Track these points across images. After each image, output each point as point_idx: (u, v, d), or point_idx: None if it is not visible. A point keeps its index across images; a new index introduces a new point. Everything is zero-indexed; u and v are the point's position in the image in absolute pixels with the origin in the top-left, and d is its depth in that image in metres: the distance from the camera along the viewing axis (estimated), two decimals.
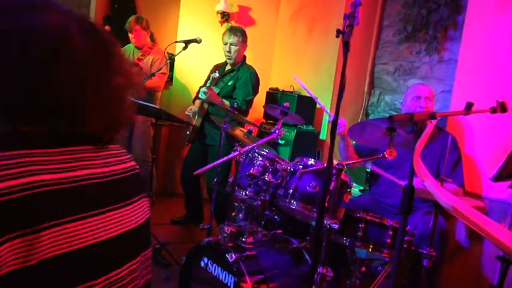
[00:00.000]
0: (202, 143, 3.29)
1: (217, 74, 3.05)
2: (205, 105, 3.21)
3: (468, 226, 1.22)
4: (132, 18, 3.57)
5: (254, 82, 3.27)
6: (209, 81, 3.15)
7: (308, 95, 3.55)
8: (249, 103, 3.26)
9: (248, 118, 3.32)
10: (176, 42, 3.37)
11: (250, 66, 3.35)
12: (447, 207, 0.94)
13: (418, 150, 1.18)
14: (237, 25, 3.68)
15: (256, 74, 3.32)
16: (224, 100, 3.11)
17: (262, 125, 3.64)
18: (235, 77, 3.24)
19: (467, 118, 2.36)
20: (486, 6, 2.66)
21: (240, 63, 3.31)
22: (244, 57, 3.36)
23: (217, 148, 2.54)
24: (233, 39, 3.19)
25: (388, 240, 1.99)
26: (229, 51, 3.22)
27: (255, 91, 3.30)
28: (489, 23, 2.63)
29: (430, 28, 3.33)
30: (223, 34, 3.26)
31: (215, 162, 2.11)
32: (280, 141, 2.42)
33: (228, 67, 3.33)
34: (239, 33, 3.22)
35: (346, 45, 1.36)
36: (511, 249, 0.78)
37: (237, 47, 3.21)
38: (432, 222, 1.86)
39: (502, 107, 1.49)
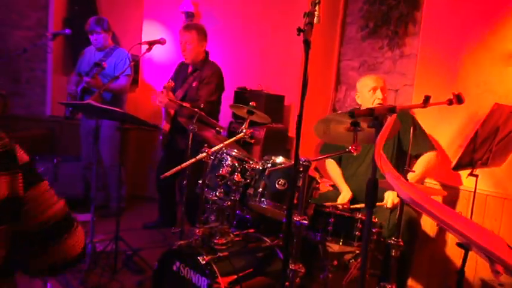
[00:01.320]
0: (175, 149, 3.21)
1: (172, 82, 3.00)
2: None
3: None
4: (92, 19, 3.47)
5: (218, 80, 3.17)
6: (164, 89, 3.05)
7: (277, 93, 3.59)
8: (214, 103, 3.17)
9: (217, 118, 3.31)
10: (140, 43, 3.31)
11: (214, 63, 3.25)
12: (406, 199, 0.96)
13: (380, 144, 1.21)
14: (193, 22, 3.64)
15: (220, 71, 3.21)
16: (184, 103, 3.06)
17: (232, 125, 3.63)
18: (198, 77, 3.17)
19: (428, 110, 2.44)
20: (441, 2, 2.76)
21: (202, 62, 3.20)
22: (206, 53, 3.25)
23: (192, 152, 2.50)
24: (187, 36, 3.10)
25: (358, 233, 2.03)
26: (184, 50, 3.13)
27: (220, 89, 3.20)
28: (444, 17, 2.73)
29: (391, 24, 3.41)
30: (179, 33, 3.18)
31: (183, 165, 2.09)
32: (250, 141, 2.42)
33: (190, 68, 3.25)
34: (194, 30, 3.11)
35: (306, 43, 1.38)
36: (466, 236, 0.81)
37: (192, 45, 3.11)
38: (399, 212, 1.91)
39: (458, 99, 1.55)
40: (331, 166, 2.69)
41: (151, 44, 2.97)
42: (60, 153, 4.07)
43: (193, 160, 2.09)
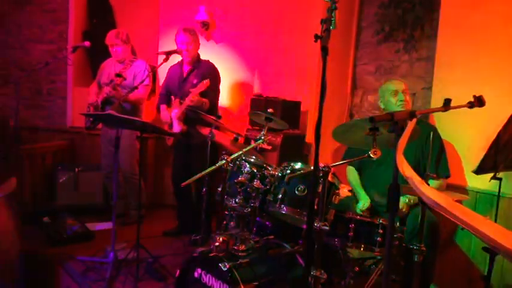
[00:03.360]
0: (187, 143, 3.33)
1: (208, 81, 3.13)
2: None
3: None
4: (111, 32, 3.55)
5: (216, 73, 3.41)
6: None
7: (293, 99, 3.60)
8: (218, 95, 3.42)
9: (234, 125, 3.35)
10: (158, 54, 3.38)
11: (207, 60, 3.47)
12: (430, 203, 0.96)
13: (401, 149, 1.20)
14: (189, 26, 3.74)
15: (214, 65, 3.45)
16: (203, 99, 3.19)
17: (248, 132, 3.65)
18: (198, 74, 3.31)
19: (448, 113, 2.41)
20: (459, 3, 2.73)
21: (197, 61, 3.41)
22: (199, 53, 3.46)
23: (201, 146, 2.53)
24: (189, 38, 3.29)
25: (379, 239, 2.02)
26: (186, 50, 3.30)
27: (219, 80, 3.44)
28: (463, 19, 2.70)
29: (407, 27, 3.40)
30: (177, 35, 3.34)
31: (203, 172, 2.11)
32: (267, 147, 2.43)
33: (186, 68, 3.41)
34: (193, 32, 3.36)
35: (324, 50, 1.39)
36: (494, 241, 0.80)
37: (193, 46, 3.32)
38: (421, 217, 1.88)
39: (479, 102, 1.53)
40: (351, 173, 2.69)
41: (168, 54, 3.03)
42: (81, 163, 4.16)
43: (212, 168, 2.11)
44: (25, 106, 4.53)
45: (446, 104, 1.48)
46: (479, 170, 2.14)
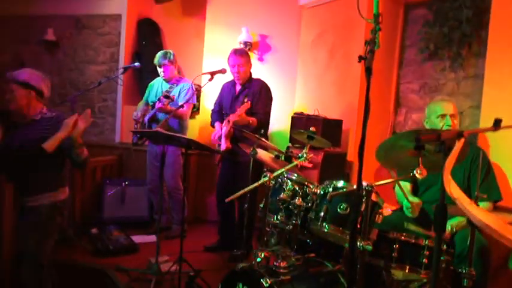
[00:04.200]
0: (232, 161, 3.37)
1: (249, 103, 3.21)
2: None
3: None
4: (160, 53, 3.74)
5: (268, 92, 3.44)
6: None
7: (334, 117, 3.60)
8: (269, 114, 3.44)
9: (275, 143, 3.39)
10: (202, 74, 3.52)
11: (258, 79, 3.51)
12: (480, 225, 0.94)
13: (448, 169, 1.19)
14: (241, 48, 3.84)
15: (266, 84, 3.47)
16: (250, 118, 3.24)
17: (289, 150, 3.68)
18: (249, 94, 3.37)
19: (497, 132, 2.33)
20: (509, 21, 2.66)
21: (248, 80, 3.46)
22: (251, 73, 3.51)
23: (245, 164, 2.60)
24: (240, 60, 3.35)
25: (425, 260, 1.96)
26: (238, 72, 3.37)
27: (271, 99, 3.47)
28: None
29: (454, 45, 3.33)
30: (229, 57, 3.41)
31: (246, 189, 2.16)
32: (308, 165, 2.45)
33: (238, 87, 3.47)
34: (244, 54, 3.41)
35: (368, 71, 1.41)
36: None
37: (245, 68, 3.38)
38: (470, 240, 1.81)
39: None
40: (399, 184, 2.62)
41: (213, 73, 3.15)
42: (127, 177, 4.35)
43: (255, 184, 2.15)
44: None
45: (497, 124, 1.44)
46: None
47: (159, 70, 3.75)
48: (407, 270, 1.97)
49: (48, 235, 2.34)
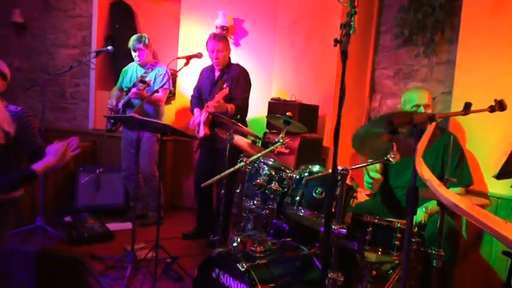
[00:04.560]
0: (210, 147, 3.35)
1: (227, 89, 3.16)
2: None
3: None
4: (135, 37, 3.64)
5: (246, 77, 3.39)
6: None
7: (310, 103, 3.61)
8: (247, 99, 3.39)
9: (252, 128, 3.37)
10: (178, 58, 3.45)
11: (237, 64, 3.46)
12: (449, 205, 0.96)
13: (420, 152, 1.21)
14: (220, 33, 3.78)
15: (245, 70, 3.42)
16: (228, 104, 3.19)
17: (266, 135, 3.68)
18: (228, 79, 3.33)
19: (468, 118, 2.40)
20: (480, 7, 2.71)
21: (228, 65, 3.41)
22: (230, 58, 3.46)
23: (224, 150, 2.61)
24: (219, 45, 3.28)
25: (397, 243, 2.01)
26: (216, 58, 3.31)
27: (249, 85, 3.43)
28: (484, 23, 2.67)
29: (427, 31, 3.37)
30: (207, 42, 3.34)
31: (222, 174, 2.14)
32: (284, 150, 2.46)
33: (217, 73, 3.42)
34: (223, 39, 3.34)
35: (344, 54, 1.41)
36: None
37: (223, 53, 3.32)
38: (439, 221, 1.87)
39: (501, 106, 1.52)
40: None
41: (189, 58, 3.09)
42: (102, 164, 4.25)
43: (231, 169, 2.14)
44: (49, 109, 4.66)
45: (467, 108, 1.48)
46: (501, 175, 2.12)
47: (134, 54, 3.65)
48: (380, 253, 2.02)
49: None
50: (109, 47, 3.70)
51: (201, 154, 3.51)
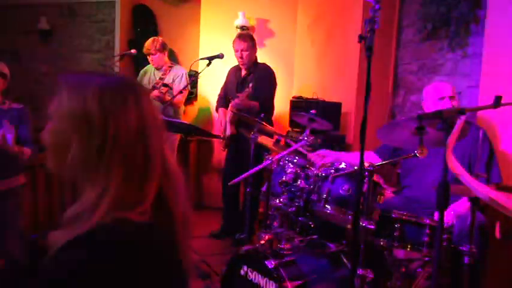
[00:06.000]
0: (237, 146, 3.38)
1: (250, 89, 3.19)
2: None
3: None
4: (147, 42, 3.71)
5: (272, 77, 3.44)
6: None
7: (332, 100, 3.60)
8: (272, 100, 3.43)
9: (274, 126, 3.38)
10: (200, 59, 3.49)
11: (264, 63, 3.50)
12: (485, 198, 0.96)
13: (450, 146, 1.20)
14: (246, 32, 3.80)
15: (271, 69, 3.46)
16: (252, 102, 3.24)
17: (289, 134, 3.68)
18: (254, 79, 3.36)
19: (496, 111, 2.34)
20: None
21: (254, 65, 3.44)
22: (256, 57, 3.48)
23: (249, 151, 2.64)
24: (244, 45, 3.33)
25: (426, 239, 1.98)
26: (241, 57, 3.35)
27: (275, 85, 3.47)
28: (511, 14, 2.61)
29: (452, 24, 3.31)
30: (233, 42, 3.39)
31: (248, 173, 2.17)
32: (308, 148, 2.46)
33: (243, 72, 3.45)
34: (248, 39, 3.38)
35: (369, 50, 1.41)
36: None
37: (248, 52, 3.36)
38: (470, 218, 1.84)
39: None
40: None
41: (211, 59, 3.13)
42: None
43: (257, 168, 2.16)
44: None
45: (497, 102, 1.45)
46: None
47: (149, 58, 3.73)
48: (408, 249, 2.00)
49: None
50: (132, 50, 3.78)
51: (228, 153, 3.54)
